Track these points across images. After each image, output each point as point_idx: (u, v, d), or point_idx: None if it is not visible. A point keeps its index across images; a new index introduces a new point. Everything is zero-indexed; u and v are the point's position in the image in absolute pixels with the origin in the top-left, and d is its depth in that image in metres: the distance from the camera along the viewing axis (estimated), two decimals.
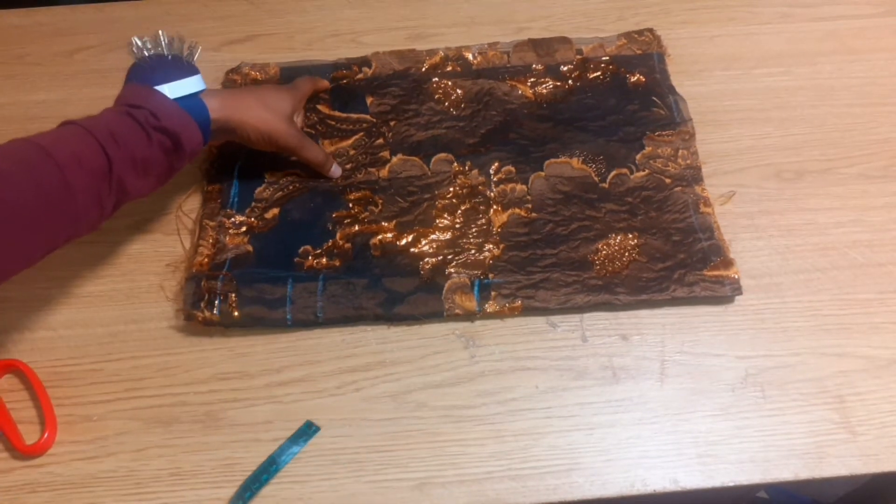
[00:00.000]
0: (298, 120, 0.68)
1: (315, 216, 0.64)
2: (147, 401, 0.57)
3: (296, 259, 0.61)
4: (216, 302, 0.59)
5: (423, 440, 0.55)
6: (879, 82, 0.73)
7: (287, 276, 0.60)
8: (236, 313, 0.59)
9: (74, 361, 0.59)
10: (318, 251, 0.62)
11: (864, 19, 0.78)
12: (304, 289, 0.60)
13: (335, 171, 0.67)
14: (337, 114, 0.71)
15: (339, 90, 0.72)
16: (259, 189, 0.66)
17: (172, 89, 0.57)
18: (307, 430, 0.55)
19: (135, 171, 0.53)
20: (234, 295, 0.59)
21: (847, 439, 0.54)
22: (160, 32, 0.62)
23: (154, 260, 0.63)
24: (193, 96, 0.58)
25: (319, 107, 0.71)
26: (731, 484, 0.53)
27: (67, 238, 0.52)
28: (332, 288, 0.60)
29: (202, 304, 0.59)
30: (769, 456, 0.54)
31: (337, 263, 0.61)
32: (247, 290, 0.59)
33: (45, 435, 0.55)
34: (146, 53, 0.61)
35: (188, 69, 0.64)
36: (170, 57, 0.62)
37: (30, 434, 0.56)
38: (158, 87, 0.56)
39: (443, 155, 0.67)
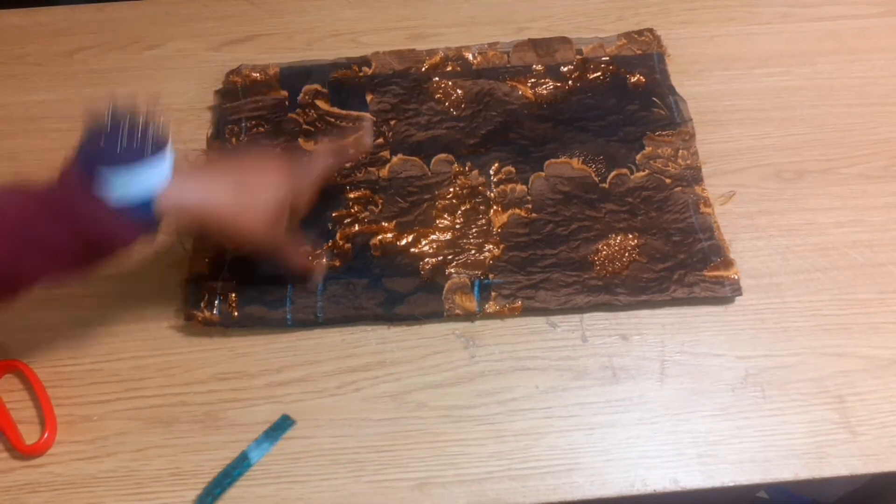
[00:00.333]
0: (302, 200, 0.57)
1: (315, 216, 0.64)
2: (147, 401, 0.57)
3: None
4: (216, 302, 0.59)
5: (423, 440, 0.55)
6: (879, 82, 0.73)
7: (287, 275, 0.60)
8: (236, 313, 0.59)
9: (74, 361, 0.59)
10: (318, 251, 0.62)
11: (864, 19, 0.78)
12: (303, 289, 0.60)
13: (313, 281, 0.59)
14: (336, 110, 0.71)
15: (339, 86, 0.72)
16: None
17: (121, 184, 0.45)
18: (283, 424, 0.54)
19: (51, 263, 0.46)
20: (233, 295, 0.59)
21: (847, 439, 0.54)
22: (114, 106, 0.47)
23: (154, 260, 0.63)
24: (147, 204, 0.47)
25: (319, 102, 0.71)
26: (731, 484, 0.53)
27: None
28: (332, 288, 0.60)
29: (202, 305, 0.59)
30: (769, 456, 0.54)
31: (337, 264, 0.61)
32: (247, 289, 0.59)
33: (45, 435, 0.55)
34: (102, 123, 0.46)
35: (154, 146, 0.47)
36: (129, 130, 0.46)
37: (30, 434, 0.56)
38: (106, 182, 0.45)
39: (443, 155, 0.67)
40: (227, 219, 0.51)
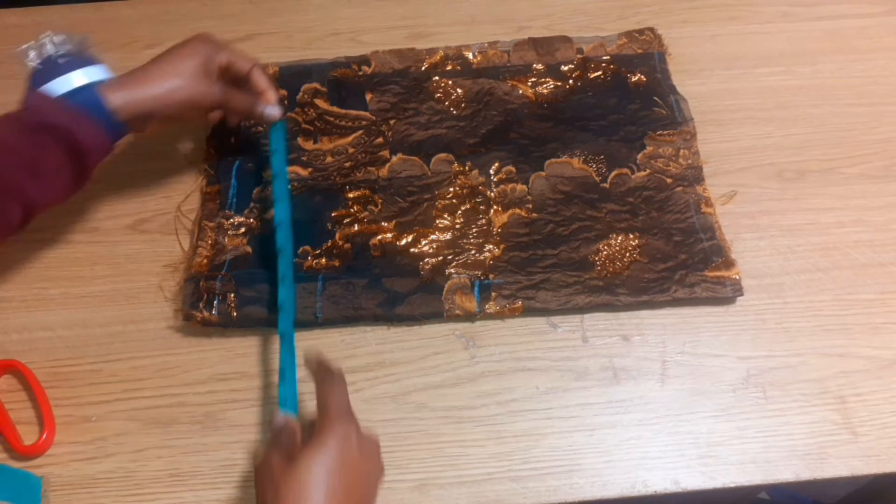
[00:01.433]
0: (217, 64, 0.60)
1: (314, 216, 0.64)
2: (146, 401, 0.57)
3: (295, 259, 0.61)
4: (215, 302, 0.59)
5: (422, 441, 0.55)
6: (881, 82, 0.73)
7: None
8: (235, 314, 0.58)
9: (73, 362, 0.59)
10: (318, 251, 0.62)
11: (865, 19, 0.77)
12: (303, 289, 0.59)
13: (269, 111, 0.62)
14: (336, 110, 0.70)
15: (338, 85, 0.72)
16: (257, 190, 0.66)
17: (57, 85, 0.53)
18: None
19: (28, 175, 0.51)
20: (232, 295, 0.59)
21: (848, 440, 0.54)
22: (47, 35, 0.56)
23: (153, 260, 0.63)
24: (87, 88, 0.54)
25: (318, 101, 0.71)
26: (733, 485, 0.53)
27: None
28: (332, 288, 0.60)
29: (201, 305, 0.58)
30: (770, 457, 0.53)
31: (336, 264, 0.61)
32: (246, 290, 0.59)
33: (44, 436, 0.55)
34: (37, 58, 0.56)
35: (88, 59, 0.57)
36: (62, 57, 0.55)
37: (28, 435, 0.55)
38: (43, 87, 0.53)
39: (443, 155, 0.67)
40: (172, 95, 0.57)
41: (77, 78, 0.55)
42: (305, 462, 0.42)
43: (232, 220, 0.64)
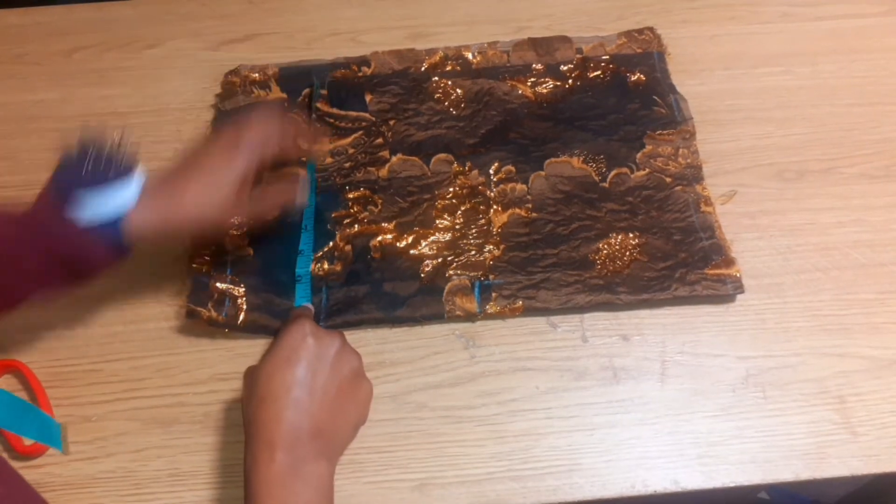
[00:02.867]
0: (263, 162, 0.56)
1: (315, 217, 0.64)
2: (146, 401, 0.57)
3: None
4: (226, 303, 0.59)
5: (423, 441, 0.55)
6: (881, 82, 0.73)
7: (293, 285, 0.60)
8: (241, 317, 0.58)
9: (73, 362, 0.59)
10: (319, 254, 0.62)
11: (865, 19, 0.77)
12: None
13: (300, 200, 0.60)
14: (335, 111, 0.70)
15: (338, 86, 0.72)
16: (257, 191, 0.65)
17: (87, 202, 0.48)
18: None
19: (21, 279, 0.49)
20: (241, 301, 0.59)
21: (848, 440, 0.54)
22: (88, 130, 0.51)
23: (153, 260, 0.63)
24: (114, 220, 0.49)
25: (318, 104, 0.71)
26: (732, 484, 0.53)
27: None
28: (335, 297, 0.60)
29: (210, 304, 0.58)
30: (770, 456, 0.54)
31: (338, 268, 0.61)
32: (253, 297, 0.59)
33: None
34: (74, 150, 0.50)
35: (123, 169, 0.51)
36: (100, 155, 0.50)
37: None
38: (76, 201, 0.48)
39: (442, 155, 0.67)
40: (196, 214, 0.52)
41: (111, 201, 0.49)
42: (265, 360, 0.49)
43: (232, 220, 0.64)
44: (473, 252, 0.62)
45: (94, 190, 0.48)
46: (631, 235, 0.62)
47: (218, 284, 0.59)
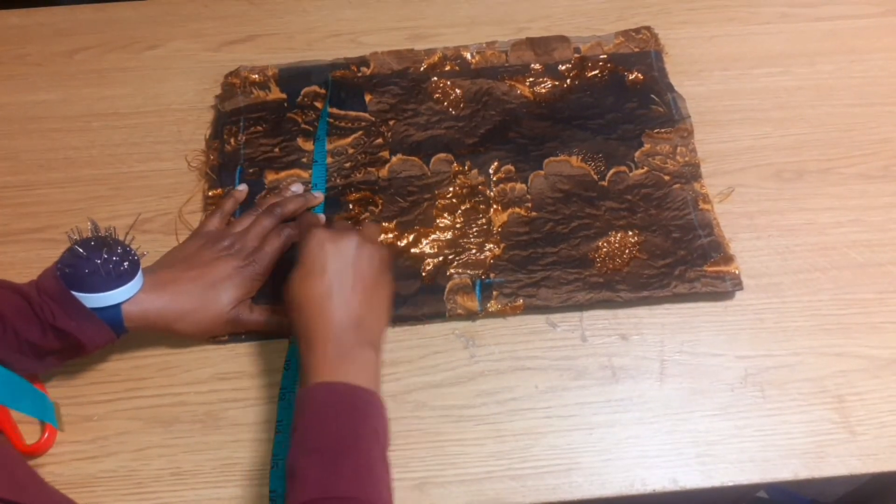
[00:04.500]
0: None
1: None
2: (147, 401, 0.57)
3: None
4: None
5: (422, 440, 0.55)
6: (879, 82, 0.73)
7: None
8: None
9: (74, 361, 0.59)
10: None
11: (863, 19, 0.78)
12: None
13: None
14: (335, 111, 0.71)
15: (338, 86, 0.72)
16: (260, 195, 0.66)
17: (94, 302, 0.51)
18: None
19: (20, 352, 0.51)
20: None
21: (846, 439, 0.54)
22: (93, 227, 0.54)
23: (153, 260, 0.63)
24: (113, 307, 0.52)
25: (317, 104, 0.71)
26: (731, 484, 0.53)
27: None
28: None
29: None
30: (769, 456, 0.54)
31: None
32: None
33: (46, 435, 0.55)
34: (80, 247, 0.52)
35: (128, 268, 0.53)
36: (105, 258, 0.52)
37: (30, 434, 0.56)
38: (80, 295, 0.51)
39: (442, 155, 0.67)
40: (187, 329, 0.55)
41: (113, 298, 0.52)
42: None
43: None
44: (474, 250, 0.62)
45: (97, 290, 0.51)
46: (630, 233, 0.62)
47: None
